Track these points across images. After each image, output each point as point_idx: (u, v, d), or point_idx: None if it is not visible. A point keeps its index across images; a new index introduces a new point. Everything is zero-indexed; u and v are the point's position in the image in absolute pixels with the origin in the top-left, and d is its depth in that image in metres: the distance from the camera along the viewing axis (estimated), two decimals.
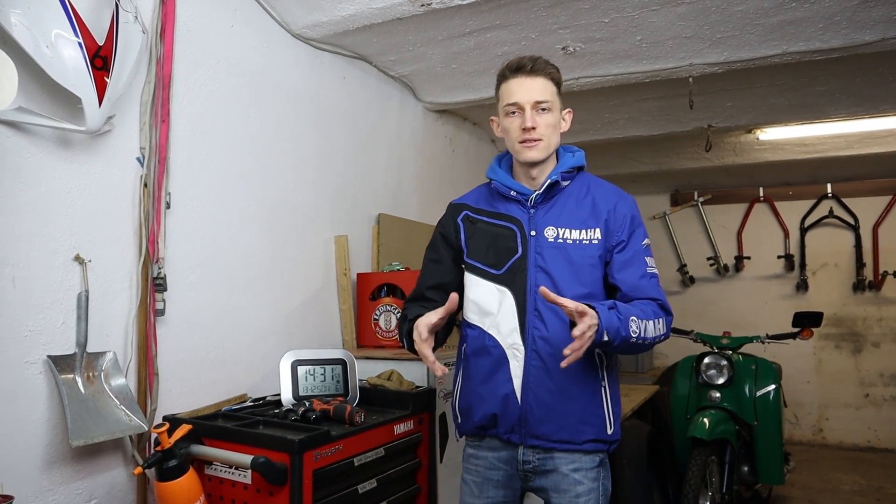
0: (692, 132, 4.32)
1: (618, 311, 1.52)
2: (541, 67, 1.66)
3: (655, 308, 1.65)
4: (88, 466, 1.88)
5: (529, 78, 1.66)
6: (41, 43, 1.65)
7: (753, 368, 3.78)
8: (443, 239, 1.84)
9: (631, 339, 1.53)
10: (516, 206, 1.73)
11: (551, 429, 1.63)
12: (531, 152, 1.67)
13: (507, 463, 1.71)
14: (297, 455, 1.75)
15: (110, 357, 1.92)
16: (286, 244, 2.68)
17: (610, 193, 1.74)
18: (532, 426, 1.64)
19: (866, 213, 5.88)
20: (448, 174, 4.14)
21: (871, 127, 4.37)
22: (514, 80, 1.68)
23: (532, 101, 1.65)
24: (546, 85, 1.67)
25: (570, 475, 1.65)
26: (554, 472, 1.66)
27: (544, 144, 1.67)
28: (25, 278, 1.73)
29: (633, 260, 1.68)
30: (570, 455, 1.66)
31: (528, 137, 1.66)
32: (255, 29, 2.53)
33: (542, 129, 1.66)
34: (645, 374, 5.29)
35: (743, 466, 3.71)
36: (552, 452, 1.66)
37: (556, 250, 1.66)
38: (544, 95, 1.66)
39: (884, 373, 5.84)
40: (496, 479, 1.72)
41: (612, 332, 1.48)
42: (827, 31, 2.74)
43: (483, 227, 1.76)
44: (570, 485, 1.65)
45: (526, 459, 1.68)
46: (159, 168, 2.08)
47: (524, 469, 1.68)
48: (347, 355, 2.36)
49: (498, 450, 1.72)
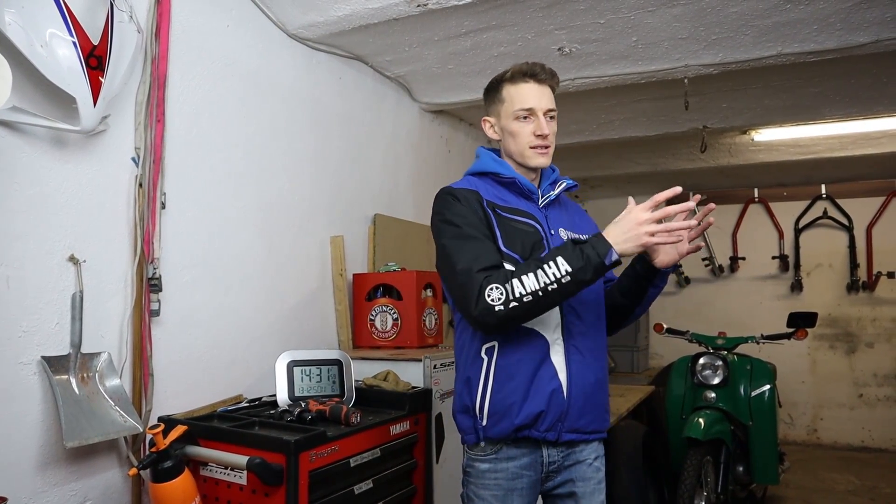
0: (687, 133, 4.34)
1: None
2: (550, 77, 1.73)
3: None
4: (83, 468, 1.87)
5: (541, 86, 1.71)
6: (35, 42, 1.64)
7: (748, 369, 3.80)
8: (478, 220, 1.63)
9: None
10: (531, 204, 1.74)
11: (587, 420, 1.67)
12: (542, 158, 1.72)
13: (529, 468, 1.67)
14: (293, 456, 1.74)
15: (105, 358, 1.91)
16: (282, 244, 2.68)
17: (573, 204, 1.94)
18: (572, 420, 1.64)
19: (860, 213, 5.92)
20: (444, 175, 4.13)
21: (865, 128, 4.39)
22: (528, 86, 1.70)
23: (545, 109, 1.70)
24: (551, 95, 1.74)
25: (593, 463, 1.73)
26: (578, 462, 1.71)
27: (552, 151, 1.75)
28: (19, 278, 1.73)
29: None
30: (588, 445, 1.72)
31: (542, 144, 1.71)
32: (250, 29, 2.52)
33: (552, 137, 1.73)
34: (640, 375, 5.30)
35: (738, 466, 3.73)
36: (574, 445, 1.70)
37: None
38: (553, 104, 1.72)
39: (877, 373, 5.87)
40: (520, 489, 1.67)
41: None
42: (821, 33, 2.75)
43: (506, 220, 1.67)
44: (594, 472, 1.72)
45: (551, 460, 1.68)
46: (154, 168, 2.07)
47: (548, 470, 1.69)
48: (343, 356, 2.36)
49: (516, 458, 1.66)
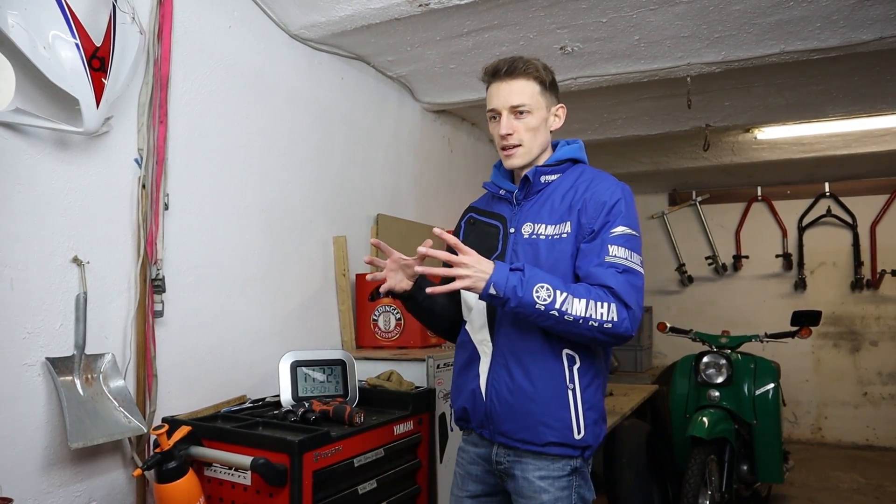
0: (690, 132, 4.33)
1: (523, 273, 1.46)
2: (518, 69, 1.60)
3: (602, 293, 1.49)
4: (87, 468, 1.88)
5: (506, 82, 1.62)
6: (38, 44, 1.64)
7: (752, 367, 3.79)
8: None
9: (537, 305, 1.43)
10: (505, 204, 1.74)
11: (513, 427, 1.61)
12: (512, 160, 1.65)
13: (484, 459, 1.70)
14: (297, 456, 1.74)
15: (109, 359, 1.91)
16: (285, 245, 2.68)
17: (593, 183, 1.62)
18: (496, 423, 1.63)
19: (864, 211, 5.90)
20: (446, 174, 4.13)
21: (869, 126, 4.38)
22: (493, 86, 1.65)
23: (508, 106, 1.61)
24: (526, 86, 1.61)
25: (535, 482, 1.59)
26: (521, 476, 1.62)
27: (524, 150, 1.64)
28: (23, 280, 1.73)
29: (593, 248, 1.55)
30: (537, 460, 1.60)
31: (506, 144, 1.64)
32: (252, 29, 2.52)
33: (521, 134, 1.62)
34: (644, 374, 5.30)
35: (742, 465, 3.71)
36: (521, 455, 1.62)
37: (529, 246, 1.62)
38: (521, 99, 1.60)
39: (882, 371, 5.85)
40: (475, 474, 1.72)
41: (505, 289, 1.43)
42: (824, 31, 2.74)
43: (479, 227, 1.78)
44: (535, 492, 1.59)
45: (498, 459, 1.66)
46: (157, 169, 2.07)
47: (497, 469, 1.67)
48: (347, 356, 2.36)
49: (478, 445, 1.72)
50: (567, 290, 1.46)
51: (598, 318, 1.46)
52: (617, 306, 1.48)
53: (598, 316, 1.46)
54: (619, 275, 1.51)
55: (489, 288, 1.44)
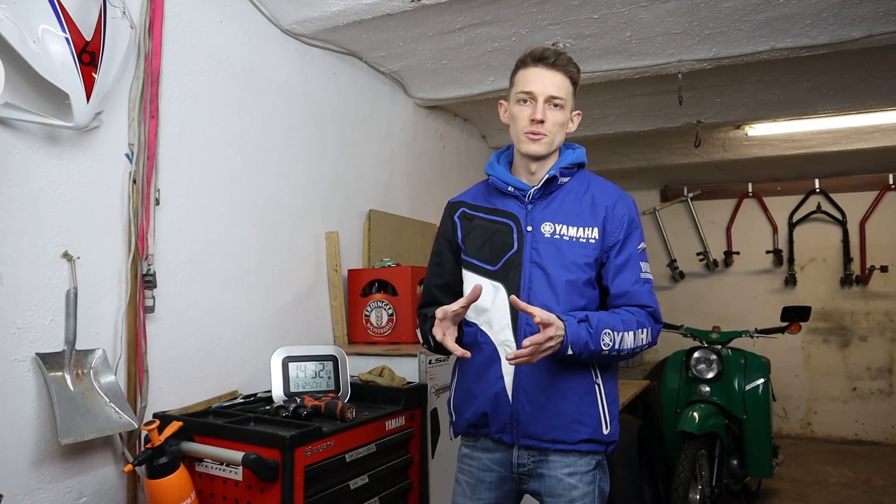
0: (681, 128, 4.34)
1: (589, 324, 1.50)
2: (563, 63, 1.63)
3: (643, 317, 1.61)
4: (78, 464, 1.87)
5: (550, 71, 1.62)
6: (28, 38, 1.63)
7: (742, 363, 3.82)
8: (443, 239, 1.81)
9: (602, 352, 1.52)
10: (514, 201, 1.71)
11: (543, 428, 1.59)
12: (534, 146, 1.64)
13: (500, 465, 1.67)
14: (289, 451, 1.75)
15: (99, 354, 1.91)
16: (277, 240, 2.68)
17: (610, 193, 1.70)
18: (524, 425, 1.60)
19: (853, 208, 5.94)
20: (439, 170, 4.14)
21: (858, 123, 4.41)
22: (534, 70, 1.63)
23: (547, 95, 1.62)
24: (563, 82, 1.64)
25: (564, 479, 1.60)
26: (549, 475, 1.61)
27: (548, 140, 1.64)
28: (13, 275, 1.72)
29: (627, 265, 1.64)
30: (564, 458, 1.61)
31: (535, 130, 1.62)
32: (243, 24, 2.51)
33: (550, 125, 1.63)
34: (635, 369, 5.32)
35: (732, 460, 3.75)
36: (546, 454, 1.62)
37: (552, 246, 1.63)
38: (560, 91, 1.63)
39: (871, 366, 5.90)
40: (489, 482, 1.68)
41: (579, 346, 1.48)
42: (814, 28, 2.76)
43: (480, 224, 1.73)
44: (565, 489, 1.60)
45: (520, 462, 1.64)
46: (148, 164, 2.06)
47: (518, 472, 1.65)
48: (339, 351, 2.36)
49: (492, 451, 1.68)
50: (622, 328, 1.56)
51: (640, 343, 1.60)
52: (653, 329, 1.64)
53: (640, 342, 1.60)
54: (650, 292, 1.66)
55: (566, 350, 1.47)
